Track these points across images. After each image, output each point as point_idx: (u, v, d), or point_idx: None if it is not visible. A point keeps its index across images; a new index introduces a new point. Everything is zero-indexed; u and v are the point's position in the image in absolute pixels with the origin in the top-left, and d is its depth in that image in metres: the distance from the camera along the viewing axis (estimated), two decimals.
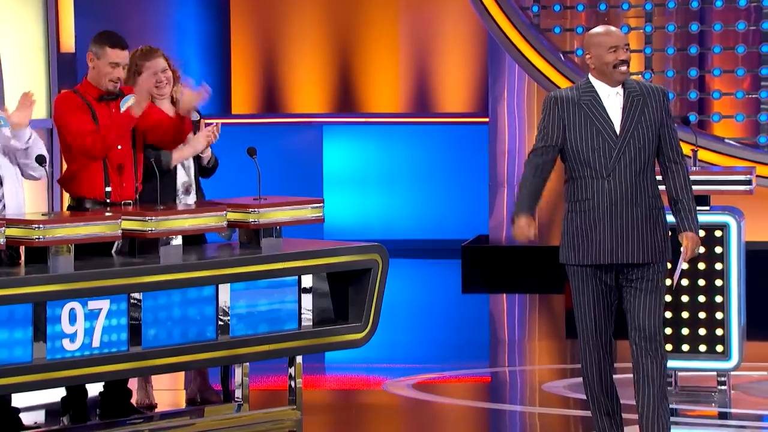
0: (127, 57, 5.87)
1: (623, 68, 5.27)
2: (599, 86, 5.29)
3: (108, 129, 5.77)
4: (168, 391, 6.81)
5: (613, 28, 5.35)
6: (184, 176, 6.15)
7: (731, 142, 10.04)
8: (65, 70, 5.96)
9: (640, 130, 5.25)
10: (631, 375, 5.45)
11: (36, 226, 5.20)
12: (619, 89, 5.28)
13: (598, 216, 5.27)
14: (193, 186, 6.19)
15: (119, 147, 5.87)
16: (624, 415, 5.51)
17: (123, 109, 5.82)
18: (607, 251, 5.26)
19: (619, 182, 5.24)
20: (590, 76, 5.32)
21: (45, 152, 5.69)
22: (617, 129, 5.25)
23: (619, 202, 5.25)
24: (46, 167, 5.61)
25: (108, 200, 5.86)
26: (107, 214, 5.45)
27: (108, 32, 5.92)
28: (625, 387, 5.64)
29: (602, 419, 5.40)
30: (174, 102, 6.19)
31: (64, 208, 5.76)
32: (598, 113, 5.27)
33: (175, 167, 6.10)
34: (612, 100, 5.28)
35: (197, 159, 6.22)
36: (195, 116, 6.26)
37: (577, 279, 5.33)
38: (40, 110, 6.01)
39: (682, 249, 5.27)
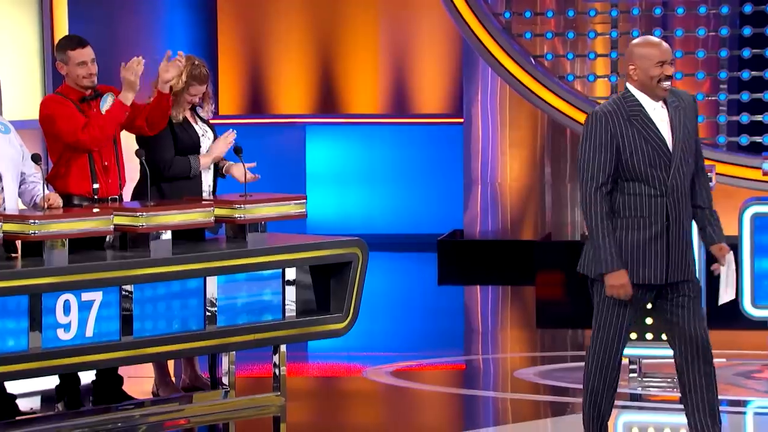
0: (90, 52, 5.85)
1: (666, 84, 4.90)
2: (643, 99, 4.92)
3: (104, 121, 5.76)
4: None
5: (659, 41, 4.97)
6: (209, 180, 6.21)
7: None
8: (60, 73, 5.94)
9: (687, 144, 4.93)
10: None
11: (32, 221, 5.18)
12: (660, 103, 4.93)
13: (653, 234, 4.87)
14: (212, 186, 6.26)
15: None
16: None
17: (103, 107, 5.82)
18: (660, 271, 4.88)
19: (674, 200, 4.89)
20: (630, 87, 4.93)
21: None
22: (669, 145, 4.90)
23: (675, 220, 4.89)
24: (42, 165, 5.59)
25: (96, 197, 5.85)
26: (95, 210, 5.43)
27: (65, 37, 5.94)
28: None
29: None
30: (194, 111, 6.24)
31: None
32: (650, 129, 4.89)
33: (200, 171, 6.18)
34: (658, 113, 4.92)
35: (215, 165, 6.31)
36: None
37: (603, 299, 4.92)
38: (35, 111, 5.99)
39: (724, 259, 4.93)
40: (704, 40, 10.15)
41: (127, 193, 6.13)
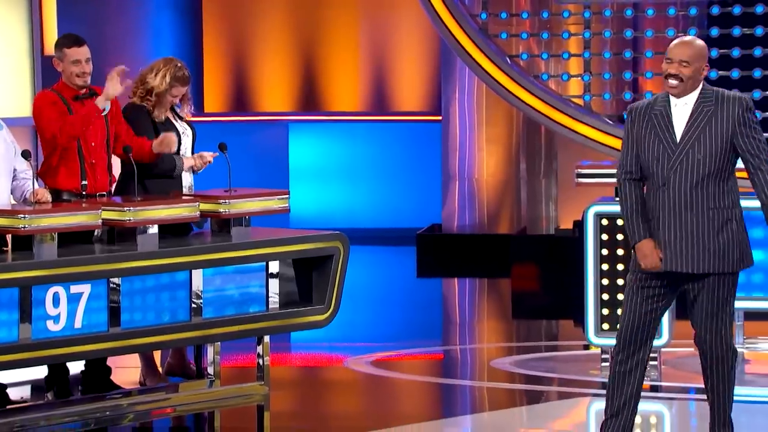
0: (86, 51, 5.84)
1: (670, 81, 4.92)
2: (671, 96, 4.96)
3: (75, 119, 5.75)
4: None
5: (686, 39, 5.00)
6: (189, 178, 6.22)
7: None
8: (49, 72, 5.93)
9: (703, 141, 4.89)
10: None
11: (22, 215, 5.16)
12: (689, 99, 4.94)
13: (656, 225, 4.94)
14: (191, 186, 6.27)
15: (92, 144, 5.85)
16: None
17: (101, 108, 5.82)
18: (662, 260, 4.91)
19: (674, 192, 4.90)
20: None
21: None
22: (677, 139, 4.91)
23: (673, 211, 4.90)
24: (31, 161, 5.57)
25: (84, 192, 5.84)
26: (84, 204, 5.42)
27: (64, 36, 5.93)
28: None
29: (608, 410, 5.09)
30: (173, 110, 6.24)
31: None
32: (662, 123, 4.93)
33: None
34: (680, 110, 4.93)
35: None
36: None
37: (633, 281, 5.00)
38: (25, 108, 5.98)
39: None
40: (673, 41, 10.16)
41: None
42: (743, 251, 4.97)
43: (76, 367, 5.95)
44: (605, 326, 6.94)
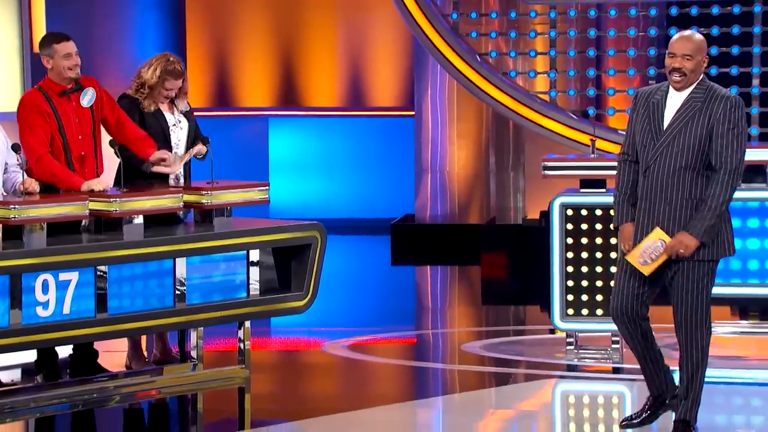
0: (74, 46, 5.81)
1: (674, 76, 4.87)
2: (671, 87, 4.93)
3: (52, 170, 5.63)
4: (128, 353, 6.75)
5: (686, 34, 4.94)
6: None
7: (624, 132, 10.12)
8: (38, 69, 5.89)
9: (684, 134, 4.87)
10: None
11: (12, 206, 5.13)
12: (685, 93, 4.90)
13: (638, 209, 4.96)
14: (182, 178, 6.18)
15: (80, 137, 5.81)
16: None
17: (83, 101, 5.77)
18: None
19: (652, 180, 4.90)
20: None
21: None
22: (663, 129, 4.89)
23: (649, 199, 4.92)
24: (21, 154, 5.54)
25: None
26: (72, 195, 5.39)
27: (49, 33, 5.89)
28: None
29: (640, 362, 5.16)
30: (173, 103, 6.20)
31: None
32: (655, 111, 4.91)
33: None
34: (673, 101, 4.90)
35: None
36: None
37: (621, 258, 5.03)
38: (15, 105, 5.94)
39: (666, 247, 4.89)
40: (634, 40, 10.21)
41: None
42: (716, 241, 4.94)
43: (64, 351, 5.93)
44: (570, 311, 6.97)
